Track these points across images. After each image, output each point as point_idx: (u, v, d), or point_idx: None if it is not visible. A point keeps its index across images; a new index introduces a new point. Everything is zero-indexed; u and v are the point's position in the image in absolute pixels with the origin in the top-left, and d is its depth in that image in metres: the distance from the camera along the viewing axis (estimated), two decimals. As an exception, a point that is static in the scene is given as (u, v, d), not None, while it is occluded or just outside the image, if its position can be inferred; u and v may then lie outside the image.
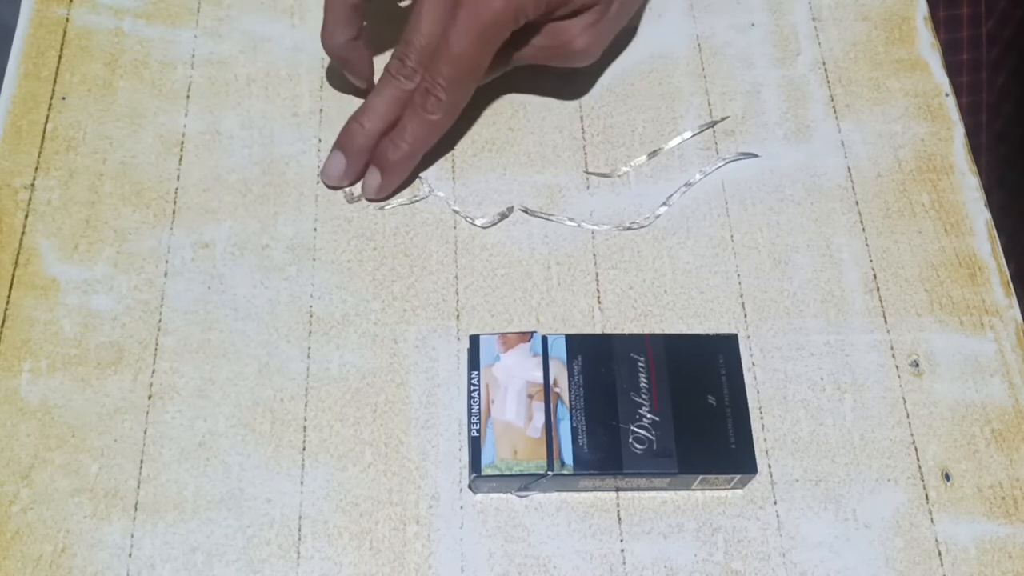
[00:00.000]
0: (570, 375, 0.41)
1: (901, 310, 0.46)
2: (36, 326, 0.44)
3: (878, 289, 0.46)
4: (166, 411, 0.42)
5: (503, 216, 0.47)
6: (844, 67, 0.52)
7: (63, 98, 0.49)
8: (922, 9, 0.54)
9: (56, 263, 0.45)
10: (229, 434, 0.42)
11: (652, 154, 0.49)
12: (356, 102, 0.50)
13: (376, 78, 0.47)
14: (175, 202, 0.47)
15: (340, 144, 0.46)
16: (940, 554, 0.41)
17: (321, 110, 0.50)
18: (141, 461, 0.41)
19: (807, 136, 0.50)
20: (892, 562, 0.40)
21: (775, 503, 0.41)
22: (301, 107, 0.50)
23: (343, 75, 0.49)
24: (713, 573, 0.40)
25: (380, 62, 0.48)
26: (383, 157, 0.46)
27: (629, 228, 0.47)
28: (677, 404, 0.40)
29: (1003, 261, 0.47)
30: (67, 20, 0.51)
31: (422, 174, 0.48)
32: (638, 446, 0.40)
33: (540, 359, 0.41)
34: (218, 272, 0.45)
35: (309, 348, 0.44)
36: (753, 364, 0.44)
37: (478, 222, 0.47)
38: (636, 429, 0.40)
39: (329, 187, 0.47)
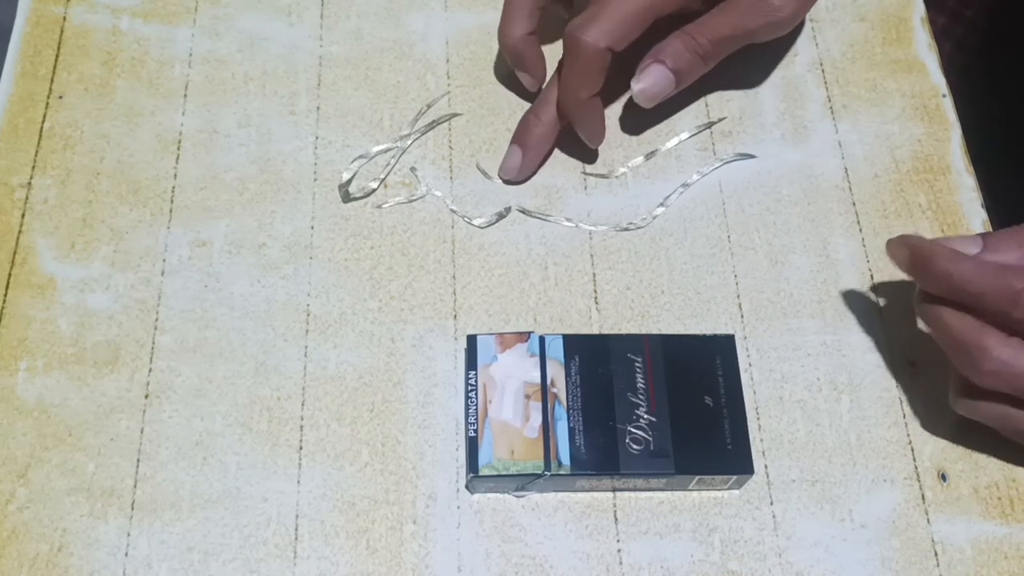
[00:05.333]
0: (567, 375, 0.41)
1: (898, 310, 0.46)
2: (33, 325, 0.44)
3: (875, 289, 0.46)
4: (163, 410, 0.42)
5: (501, 216, 0.47)
6: (841, 68, 0.52)
7: (60, 97, 0.49)
8: (919, 10, 0.54)
9: (53, 262, 0.45)
10: (226, 433, 0.42)
11: (649, 155, 0.49)
12: (354, 101, 0.50)
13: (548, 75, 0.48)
14: (172, 200, 0.47)
15: (516, 138, 0.47)
16: (936, 554, 0.41)
17: (318, 108, 0.50)
18: (138, 460, 0.41)
19: (804, 137, 0.50)
20: (888, 562, 0.40)
21: (771, 503, 0.41)
22: (298, 105, 0.50)
23: (515, 71, 0.49)
24: (710, 573, 0.40)
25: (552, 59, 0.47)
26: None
27: (626, 229, 0.47)
28: (674, 404, 0.40)
29: (999, 262, 0.47)
30: (64, 18, 0.51)
31: (419, 173, 0.48)
32: (635, 446, 0.40)
33: (537, 359, 0.41)
34: (215, 271, 0.45)
35: (306, 347, 0.44)
36: (750, 364, 0.44)
37: (476, 222, 0.47)
38: (633, 429, 0.40)
39: (506, 181, 0.48)
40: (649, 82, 0.46)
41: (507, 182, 0.48)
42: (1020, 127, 0.40)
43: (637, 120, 0.50)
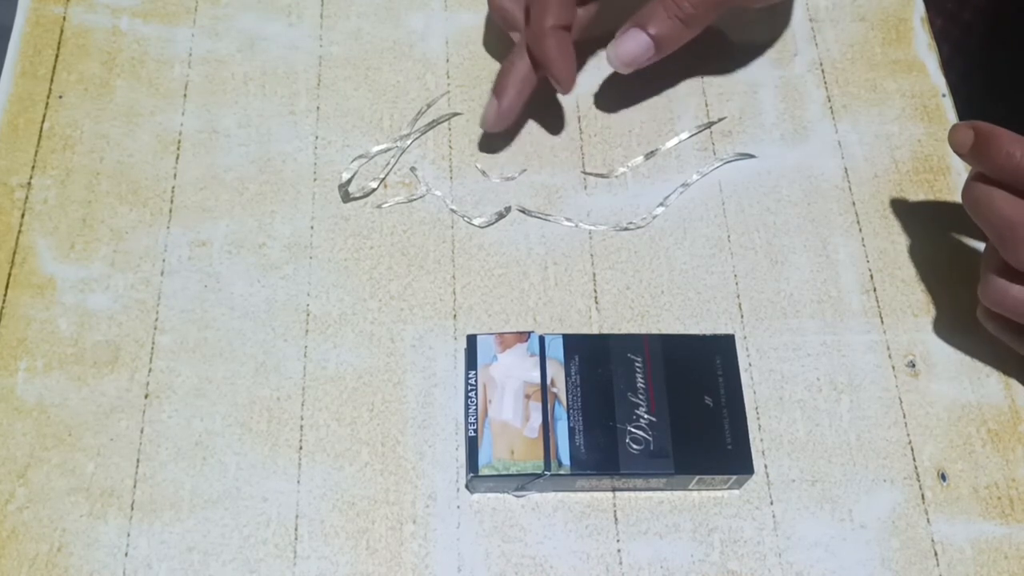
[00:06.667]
0: (567, 375, 0.41)
1: (898, 310, 0.46)
2: (32, 325, 0.44)
3: (875, 289, 0.46)
4: (162, 410, 0.42)
5: (500, 216, 0.47)
6: (841, 68, 0.52)
7: (60, 97, 0.49)
8: (919, 10, 0.54)
9: (52, 262, 0.45)
10: (226, 433, 0.42)
11: (649, 155, 0.49)
12: (354, 101, 0.50)
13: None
14: (172, 200, 0.47)
15: (494, 88, 0.47)
16: (936, 554, 0.41)
17: (318, 108, 0.50)
18: (137, 460, 0.41)
19: (804, 137, 0.50)
20: (888, 562, 0.40)
21: (771, 503, 0.41)
22: (298, 105, 0.50)
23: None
24: (709, 573, 0.40)
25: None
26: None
27: (626, 228, 0.47)
28: (674, 404, 0.40)
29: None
30: (64, 19, 0.51)
31: (419, 173, 0.48)
32: (635, 446, 0.40)
33: (537, 359, 0.41)
34: (215, 271, 0.45)
35: (306, 347, 0.44)
36: (750, 364, 0.44)
37: (476, 222, 0.47)
38: (633, 429, 0.40)
39: (487, 132, 0.48)
40: (625, 47, 0.45)
41: (491, 138, 0.48)
42: (1020, 128, 0.40)
43: (637, 119, 0.50)
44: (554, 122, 0.50)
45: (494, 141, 0.49)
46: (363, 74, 0.51)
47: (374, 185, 0.48)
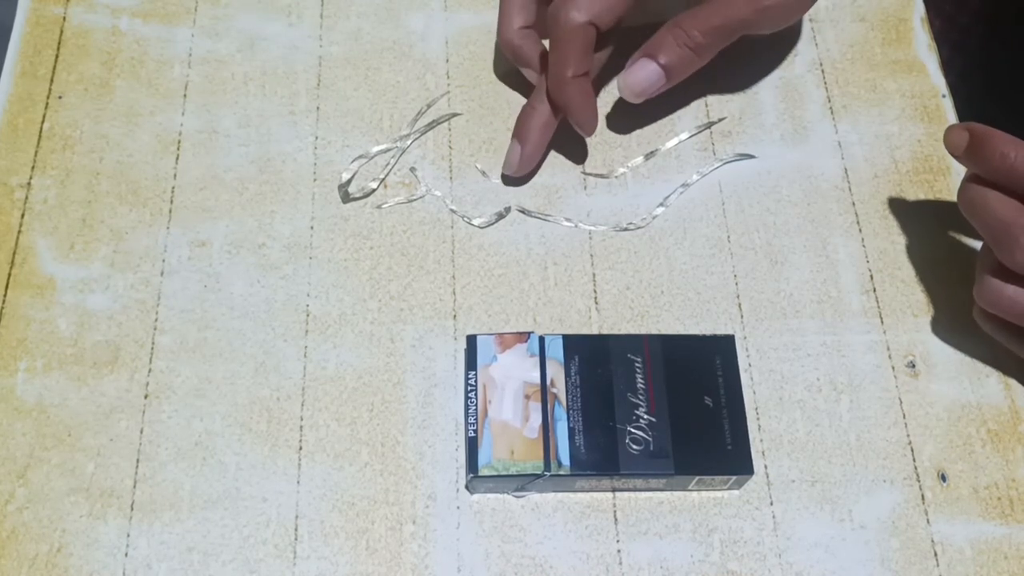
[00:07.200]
0: (567, 375, 0.41)
1: (898, 311, 0.46)
2: (32, 325, 0.44)
3: (875, 290, 0.46)
4: (162, 410, 0.42)
5: (500, 216, 0.47)
6: (841, 68, 0.52)
7: (60, 97, 0.49)
8: (919, 10, 0.54)
9: (52, 262, 0.45)
10: (225, 433, 0.42)
11: (649, 155, 0.49)
12: (354, 101, 0.50)
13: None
14: (172, 201, 0.47)
15: (515, 133, 0.47)
16: (936, 555, 0.41)
17: (318, 108, 0.50)
18: (137, 460, 0.41)
19: (804, 137, 0.50)
20: (888, 563, 0.40)
21: (771, 504, 0.41)
22: (298, 105, 0.50)
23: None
24: (709, 573, 0.40)
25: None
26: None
27: (626, 229, 0.47)
28: (674, 405, 0.40)
29: (999, 262, 0.47)
30: (64, 19, 0.51)
31: (419, 173, 0.48)
32: (635, 447, 0.40)
33: (537, 359, 0.41)
34: (215, 271, 0.45)
35: (306, 347, 0.44)
36: (750, 365, 0.44)
37: (475, 222, 0.47)
38: (633, 430, 0.40)
39: (509, 179, 0.48)
40: (636, 77, 0.46)
41: (510, 180, 0.48)
42: (1019, 128, 0.40)
43: (637, 120, 0.50)
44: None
45: (494, 141, 0.49)
46: (363, 74, 0.51)
47: (374, 185, 0.48)
